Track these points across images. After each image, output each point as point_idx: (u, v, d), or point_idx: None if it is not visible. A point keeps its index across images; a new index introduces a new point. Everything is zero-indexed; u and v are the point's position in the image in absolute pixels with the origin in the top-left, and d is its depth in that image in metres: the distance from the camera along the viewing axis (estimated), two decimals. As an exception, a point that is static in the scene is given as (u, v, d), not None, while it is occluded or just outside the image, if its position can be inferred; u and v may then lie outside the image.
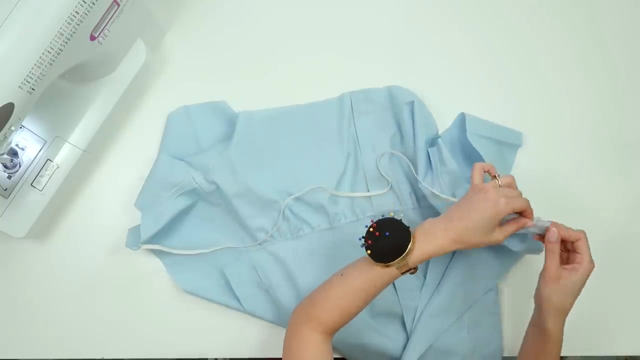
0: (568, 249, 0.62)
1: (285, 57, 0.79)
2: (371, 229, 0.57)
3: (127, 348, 0.75)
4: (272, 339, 0.75)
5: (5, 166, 0.68)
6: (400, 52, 0.79)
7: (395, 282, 0.72)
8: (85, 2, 0.55)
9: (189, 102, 0.77)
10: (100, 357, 0.75)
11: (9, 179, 0.68)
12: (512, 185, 0.62)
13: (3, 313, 0.75)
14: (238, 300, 0.72)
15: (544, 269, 0.61)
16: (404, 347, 0.71)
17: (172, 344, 0.75)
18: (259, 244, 0.73)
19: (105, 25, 0.61)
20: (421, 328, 0.70)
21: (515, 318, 0.74)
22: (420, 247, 0.57)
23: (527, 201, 0.61)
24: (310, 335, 0.58)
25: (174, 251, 0.72)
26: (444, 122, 0.77)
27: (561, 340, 0.62)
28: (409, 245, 0.56)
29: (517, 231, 0.61)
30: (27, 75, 0.53)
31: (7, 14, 0.51)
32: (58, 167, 0.69)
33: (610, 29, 0.80)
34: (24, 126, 0.69)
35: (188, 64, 0.78)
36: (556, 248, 0.60)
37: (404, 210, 0.74)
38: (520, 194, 0.61)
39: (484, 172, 0.63)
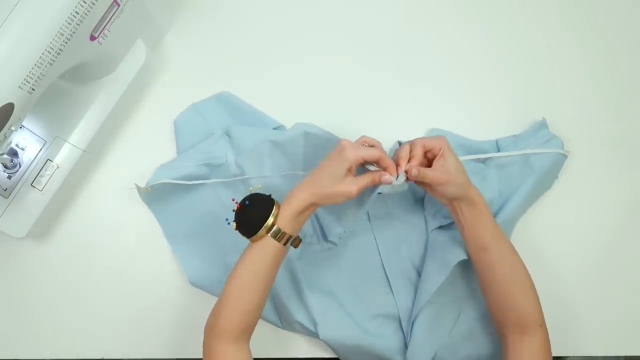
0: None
1: (285, 57, 0.79)
2: (234, 210, 0.59)
3: (127, 348, 0.75)
4: (271, 340, 0.75)
5: (5, 166, 0.68)
6: (399, 53, 0.79)
7: (391, 282, 0.73)
8: (85, 2, 0.55)
9: (188, 102, 0.77)
10: (100, 357, 0.75)
11: (9, 179, 0.68)
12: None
13: (3, 313, 0.75)
14: None
15: (432, 184, 0.61)
16: (400, 348, 0.71)
17: (172, 344, 0.75)
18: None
19: (105, 25, 0.61)
20: (419, 331, 0.70)
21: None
22: (284, 208, 0.58)
23: (379, 152, 0.60)
24: (223, 351, 0.58)
25: (178, 182, 0.71)
26: (445, 123, 0.77)
27: (503, 247, 0.63)
28: (273, 209, 0.57)
29: (374, 184, 0.61)
30: (27, 75, 0.53)
31: (7, 14, 0.51)
32: (58, 167, 0.69)
33: (612, 29, 0.80)
34: (24, 126, 0.69)
35: (188, 63, 0.78)
36: (423, 172, 0.60)
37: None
38: (378, 146, 0.62)
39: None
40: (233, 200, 0.60)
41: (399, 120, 0.79)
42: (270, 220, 0.57)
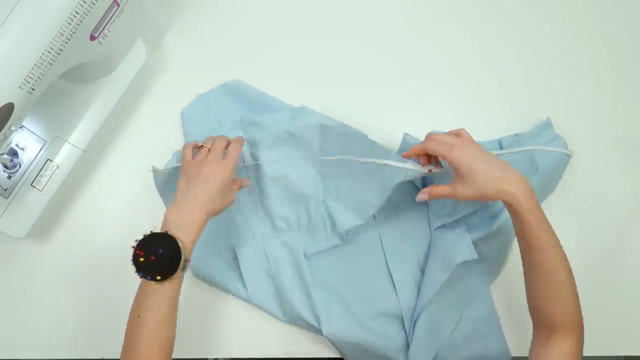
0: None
1: (285, 57, 0.79)
2: (141, 260, 0.55)
3: (127, 348, 0.75)
4: (274, 340, 0.75)
5: (5, 166, 0.68)
6: (399, 53, 0.79)
7: (395, 281, 0.73)
8: (85, 2, 0.55)
9: (188, 102, 0.77)
10: (100, 357, 0.75)
11: (9, 179, 0.68)
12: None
13: (3, 313, 0.75)
14: (243, 283, 0.72)
15: (448, 187, 0.61)
16: (402, 347, 0.71)
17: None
18: (275, 231, 0.73)
19: (105, 25, 0.61)
20: (421, 330, 0.70)
21: (513, 318, 0.74)
22: (188, 238, 0.58)
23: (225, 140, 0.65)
24: None
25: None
26: (446, 123, 0.77)
27: (549, 241, 0.60)
28: (181, 246, 0.56)
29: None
30: (27, 75, 0.53)
31: (7, 14, 0.51)
32: (58, 167, 0.69)
33: (615, 29, 0.80)
34: (24, 126, 0.69)
35: (188, 63, 0.78)
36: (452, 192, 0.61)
37: None
38: (226, 140, 0.65)
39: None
40: (132, 247, 0.56)
41: (400, 119, 0.78)
42: (183, 259, 0.56)
